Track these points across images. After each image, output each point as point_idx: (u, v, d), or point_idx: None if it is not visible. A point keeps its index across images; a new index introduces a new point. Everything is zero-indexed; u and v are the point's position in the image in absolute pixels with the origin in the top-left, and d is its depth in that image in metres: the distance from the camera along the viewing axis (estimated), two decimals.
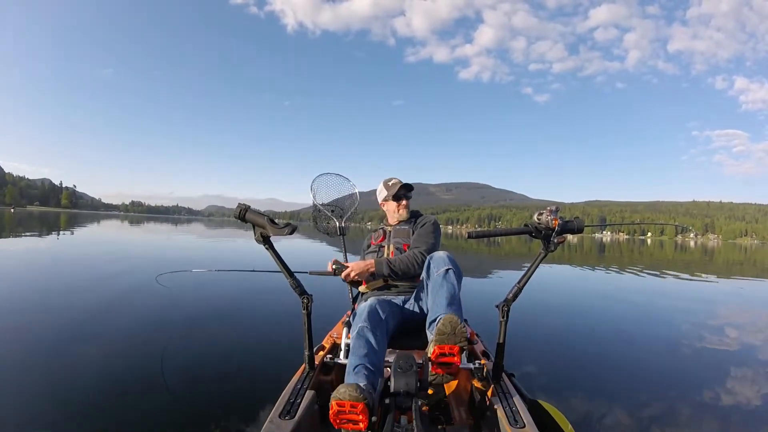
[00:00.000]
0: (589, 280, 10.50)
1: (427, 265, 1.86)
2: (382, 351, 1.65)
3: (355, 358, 1.57)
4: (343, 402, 1.30)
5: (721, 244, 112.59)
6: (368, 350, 1.58)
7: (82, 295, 5.30)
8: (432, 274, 1.81)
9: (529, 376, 3.08)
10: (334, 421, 1.32)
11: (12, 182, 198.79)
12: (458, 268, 1.81)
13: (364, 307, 1.76)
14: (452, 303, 1.69)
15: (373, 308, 1.74)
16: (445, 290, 1.73)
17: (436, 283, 1.77)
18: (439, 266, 1.81)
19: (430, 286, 1.81)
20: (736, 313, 6.66)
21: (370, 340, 1.61)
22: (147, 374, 2.85)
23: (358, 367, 1.53)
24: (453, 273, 1.78)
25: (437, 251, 1.93)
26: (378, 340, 1.63)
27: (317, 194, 2.71)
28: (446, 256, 1.84)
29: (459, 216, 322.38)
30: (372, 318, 1.69)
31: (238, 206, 1.61)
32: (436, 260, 1.84)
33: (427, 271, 1.85)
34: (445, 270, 1.77)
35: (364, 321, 1.67)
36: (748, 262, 22.34)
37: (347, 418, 1.31)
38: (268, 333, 3.99)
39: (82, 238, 16.86)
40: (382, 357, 1.64)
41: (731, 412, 2.74)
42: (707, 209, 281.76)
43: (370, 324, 1.66)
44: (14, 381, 2.69)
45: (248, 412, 2.31)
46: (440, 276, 1.77)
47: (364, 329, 1.64)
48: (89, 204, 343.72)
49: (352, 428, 1.32)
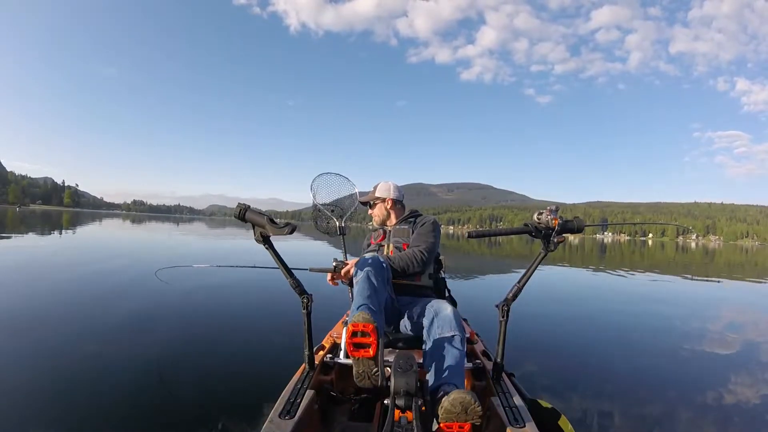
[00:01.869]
0: (590, 280, 10.49)
1: (431, 320, 1.72)
2: (383, 294, 1.76)
3: (360, 299, 1.66)
4: (357, 323, 1.40)
5: (722, 245, 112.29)
6: (371, 292, 1.68)
7: (84, 291, 5.33)
8: (433, 333, 1.67)
9: (529, 376, 3.08)
10: (349, 345, 1.42)
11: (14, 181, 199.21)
12: (463, 333, 1.66)
13: (367, 258, 1.84)
14: (458, 375, 1.56)
15: (377, 258, 1.84)
16: (450, 358, 1.59)
17: (439, 346, 1.63)
18: (444, 329, 1.65)
19: (430, 345, 1.67)
20: (736, 315, 6.65)
21: (374, 283, 1.71)
22: (146, 373, 2.85)
23: (362, 306, 1.62)
24: (459, 340, 1.63)
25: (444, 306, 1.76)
26: (379, 287, 1.73)
27: (317, 194, 2.71)
28: (452, 317, 1.68)
29: (460, 216, 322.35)
30: (376, 265, 1.78)
31: (237, 206, 1.61)
32: (442, 320, 1.68)
33: (428, 330, 1.71)
34: (450, 336, 1.63)
35: (370, 266, 1.76)
36: (749, 264, 22.29)
37: (359, 341, 1.41)
38: (268, 332, 3.99)
39: (85, 235, 16.93)
40: (383, 299, 1.75)
41: (731, 413, 2.74)
42: (709, 210, 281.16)
43: (374, 270, 1.75)
44: (14, 378, 2.69)
45: (248, 412, 2.31)
46: (445, 341, 1.63)
47: (369, 273, 1.73)
48: (91, 203, 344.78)
49: (363, 355, 1.42)
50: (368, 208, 2.52)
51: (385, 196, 2.42)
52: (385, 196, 2.42)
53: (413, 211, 2.44)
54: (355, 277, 1.79)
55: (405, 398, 1.38)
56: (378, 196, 2.43)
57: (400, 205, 2.46)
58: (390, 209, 2.43)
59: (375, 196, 2.45)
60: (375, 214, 2.46)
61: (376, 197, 2.44)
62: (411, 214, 2.41)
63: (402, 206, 2.48)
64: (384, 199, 2.43)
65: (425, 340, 1.72)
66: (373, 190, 2.48)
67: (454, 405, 1.36)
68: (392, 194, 2.42)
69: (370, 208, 2.49)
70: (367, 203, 2.51)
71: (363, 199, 2.56)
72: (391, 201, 2.42)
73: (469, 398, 1.36)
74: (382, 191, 2.43)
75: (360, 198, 2.63)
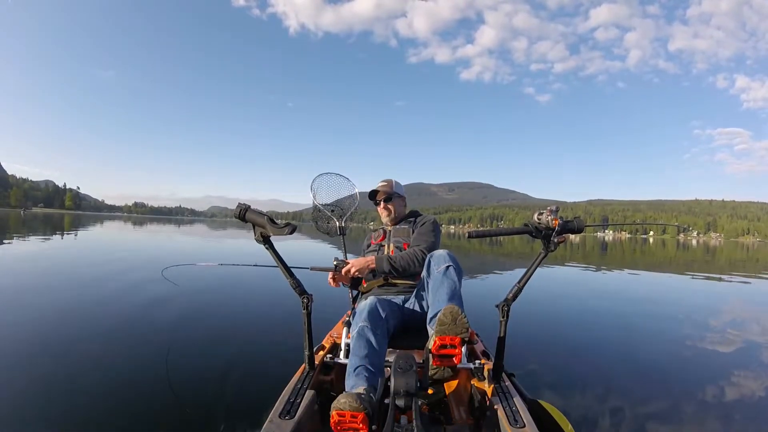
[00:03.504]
0: (590, 279, 10.47)
1: (428, 263, 1.86)
2: (382, 351, 1.64)
3: (355, 359, 1.57)
4: (343, 412, 1.32)
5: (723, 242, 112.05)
6: (369, 351, 1.58)
7: (88, 290, 5.33)
8: (432, 271, 1.81)
9: (529, 376, 3.08)
10: (335, 429, 1.35)
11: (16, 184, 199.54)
12: (458, 266, 1.81)
13: (364, 306, 1.76)
14: (453, 297, 1.68)
15: (374, 307, 1.74)
16: (446, 286, 1.72)
17: (436, 280, 1.77)
18: (439, 264, 1.80)
19: (431, 283, 1.80)
20: (738, 312, 6.63)
21: (371, 340, 1.61)
22: (147, 372, 2.86)
23: (358, 368, 1.54)
24: (453, 270, 1.77)
25: (437, 249, 1.92)
26: (378, 340, 1.63)
27: (317, 194, 2.71)
28: (446, 254, 1.84)
29: (461, 216, 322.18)
30: (372, 317, 1.69)
31: (238, 206, 1.61)
32: (437, 258, 1.84)
33: (427, 269, 1.85)
34: (445, 267, 1.77)
35: (365, 320, 1.67)
36: (750, 261, 22.24)
37: (348, 426, 1.33)
38: (268, 332, 3.99)
39: (89, 237, 16.93)
40: (382, 357, 1.64)
41: (732, 413, 2.73)
42: (710, 208, 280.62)
43: (371, 323, 1.66)
44: (19, 378, 2.69)
45: (248, 412, 2.30)
46: (441, 273, 1.76)
47: (365, 329, 1.64)
48: (92, 205, 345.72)
49: None
50: (378, 204, 2.42)
51: (400, 192, 2.45)
52: (400, 192, 2.45)
53: (413, 211, 2.45)
54: (352, 330, 1.74)
55: (405, 398, 1.38)
56: (396, 192, 2.42)
57: (404, 205, 2.50)
58: (403, 207, 2.46)
59: (394, 191, 2.41)
60: (392, 209, 2.40)
61: (395, 192, 2.41)
62: (410, 214, 2.42)
63: (405, 206, 2.52)
64: (401, 196, 2.45)
65: (425, 280, 1.86)
66: (388, 185, 2.42)
67: (446, 315, 1.49)
68: (402, 192, 2.47)
69: (385, 203, 2.39)
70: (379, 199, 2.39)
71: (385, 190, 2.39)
72: (402, 199, 2.46)
73: (456, 309, 1.51)
74: (399, 188, 2.45)
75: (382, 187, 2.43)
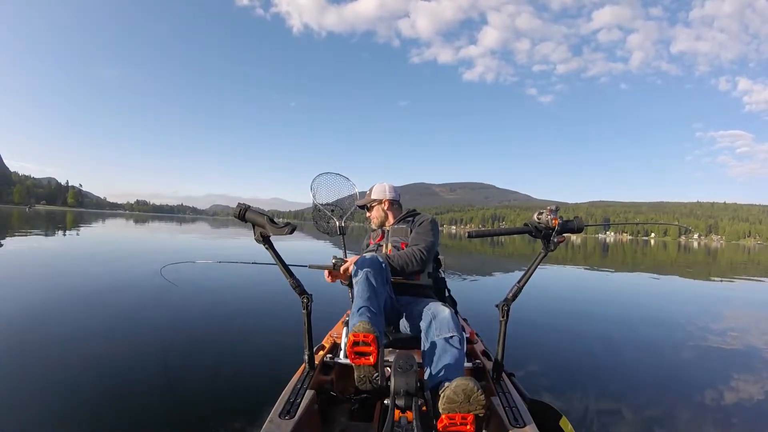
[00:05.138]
0: (591, 280, 10.46)
1: (428, 323, 1.68)
2: (382, 294, 1.76)
3: (360, 300, 1.67)
4: (357, 333, 1.44)
5: (724, 245, 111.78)
6: (371, 293, 1.69)
7: (88, 288, 5.34)
8: (431, 336, 1.64)
9: (529, 376, 3.07)
10: (350, 354, 1.46)
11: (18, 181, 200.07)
12: (462, 334, 1.63)
13: (366, 257, 1.82)
14: (458, 371, 1.52)
15: (375, 258, 1.82)
16: (449, 357, 1.55)
17: (437, 347, 1.59)
18: (442, 330, 1.62)
19: (428, 347, 1.63)
20: (739, 314, 6.62)
21: (373, 284, 1.71)
22: (146, 372, 2.86)
23: (362, 309, 1.63)
24: (458, 340, 1.59)
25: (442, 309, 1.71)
26: (379, 285, 1.73)
27: (317, 194, 2.71)
28: (450, 318, 1.64)
29: (463, 216, 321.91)
30: (375, 266, 1.77)
31: (237, 206, 1.61)
32: (440, 322, 1.64)
33: (426, 333, 1.67)
34: (449, 336, 1.60)
35: (369, 267, 1.76)
36: (752, 263, 22.18)
37: (360, 350, 1.45)
38: (268, 332, 3.99)
39: (93, 234, 16.97)
40: (382, 300, 1.75)
41: (732, 413, 2.72)
42: (711, 210, 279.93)
43: (374, 270, 1.75)
44: (18, 376, 2.70)
45: (248, 412, 2.30)
46: (444, 341, 1.59)
47: (369, 274, 1.73)
48: (95, 203, 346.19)
49: (364, 362, 1.46)
50: (366, 211, 2.52)
51: (382, 198, 2.42)
52: (382, 198, 2.42)
53: (411, 210, 2.44)
54: (355, 278, 1.79)
55: (405, 398, 1.38)
56: (374, 198, 2.44)
57: (397, 205, 2.46)
58: (387, 210, 2.43)
59: (371, 199, 2.45)
60: (373, 216, 2.46)
61: (373, 200, 2.45)
62: (409, 214, 2.41)
63: (399, 206, 2.47)
64: (380, 200, 2.43)
65: (423, 342, 1.67)
66: (369, 193, 2.49)
67: (457, 393, 1.30)
68: (388, 195, 2.43)
69: (368, 211, 2.49)
70: (365, 206, 2.51)
71: (360, 203, 2.57)
72: (387, 202, 2.42)
73: (471, 385, 1.31)
74: (378, 193, 2.44)
75: (357, 202, 2.63)
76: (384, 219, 2.44)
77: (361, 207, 2.58)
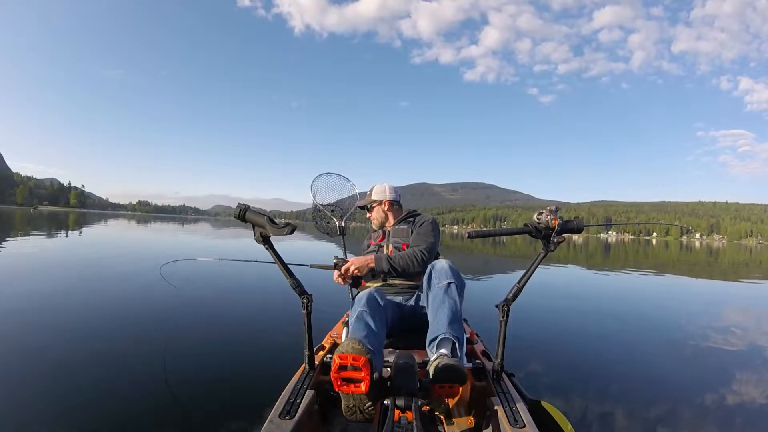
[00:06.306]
0: (591, 280, 10.44)
1: (428, 274, 1.79)
2: (380, 334, 1.63)
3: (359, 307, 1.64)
4: (345, 355, 1.22)
5: (726, 244, 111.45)
6: (367, 332, 1.56)
7: (88, 287, 5.35)
8: (433, 285, 1.75)
9: (529, 376, 3.07)
10: (336, 380, 1.25)
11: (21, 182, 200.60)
12: (461, 280, 1.75)
13: (363, 294, 1.76)
14: (453, 321, 1.63)
15: (372, 295, 1.74)
16: (446, 307, 1.65)
17: (437, 297, 1.70)
18: (440, 278, 1.73)
19: (431, 298, 1.74)
20: (741, 314, 6.60)
21: (369, 324, 1.60)
22: (145, 371, 2.86)
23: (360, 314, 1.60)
24: (455, 287, 1.71)
25: (439, 260, 1.84)
26: (377, 325, 1.62)
27: (317, 194, 2.72)
28: (448, 267, 1.76)
29: (465, 216, 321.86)
30: (371, 304, 1.69)
31: (237, 206, 1.61)
32: (438, 271, 1.76)
33: (428, 281, 1.79)
34: (447, 283, 1.70)
35: (364, 306, 1.66)
36: (753, 263, 22.11)
37: (348, 375, 1.25)
38: (268, 332, 3.99)
39: (96, 234, 17.02)
40: (381, 340, 1.63)
41: (733, 414, 2.71)
42: (713, 209, 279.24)
43: (369, 309, 1.65)
44: (19, 377, 2.70)
45: (248, 412, 2.30)
46: (441, 290, 1.70)
47: (364, 313, 1.63)
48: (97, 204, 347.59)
49: (353, 391, 1.25)
50: (366, 212, 2.51)
51: (382, 198, 2.42)
52: (382, 198, 2.42)
53: (412, 211, 2.44)
54: (350, 317, 1.74)
55: (405, 398, 1.38)
56: (374, 198, 2.44)
57: (397, 206, 2.46)
58: (387, 211, 2.43)
59: (371, 199, 2.45)
60: (373, 217, 2.46)
61: (373, 200, 2.44)
62: (409, 214, 2.41)
63: (399, 207, 2.47)
64: (381, 201, 2.43)
65: (425, 292, 1.79)
66: (369, 194, 2.48)
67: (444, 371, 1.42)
68: (388, 196, 2.42)
69: (368, 212, 2.49)
70: (365, 207, 2.50)
71: (360, 203, 2.57)
72: (387, 203, 2.42)
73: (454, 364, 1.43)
74: (378, 194, 2.43)
75: (357, 202, 2.63)
76: (384, 220, 2.43)
77: (361, 208, 2.57)
